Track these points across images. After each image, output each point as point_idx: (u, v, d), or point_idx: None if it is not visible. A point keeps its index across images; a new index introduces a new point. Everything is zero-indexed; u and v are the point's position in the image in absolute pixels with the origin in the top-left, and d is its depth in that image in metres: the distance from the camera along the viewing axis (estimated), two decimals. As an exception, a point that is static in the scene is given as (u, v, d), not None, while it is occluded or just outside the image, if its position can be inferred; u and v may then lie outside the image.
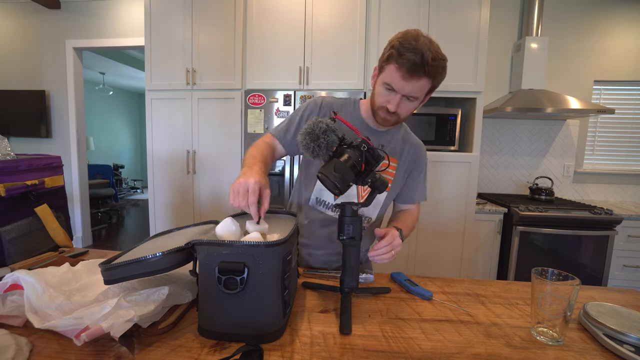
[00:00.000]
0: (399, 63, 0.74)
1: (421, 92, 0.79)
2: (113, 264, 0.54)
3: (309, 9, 2.14)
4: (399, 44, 0.74)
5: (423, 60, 0.72)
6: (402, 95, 0.78)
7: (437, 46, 0.78)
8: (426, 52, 0.72)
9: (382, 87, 0.81)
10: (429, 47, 0.74)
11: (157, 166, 2.40)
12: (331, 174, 0.64)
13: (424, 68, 0.73)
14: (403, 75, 0.75)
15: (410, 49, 0.72)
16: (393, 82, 0.77)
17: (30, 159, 0.94)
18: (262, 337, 0.54)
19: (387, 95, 0.80)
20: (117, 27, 3.08)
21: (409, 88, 0.77)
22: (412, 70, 0.73)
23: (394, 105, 0.79)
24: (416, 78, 0.75)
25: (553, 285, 0.56)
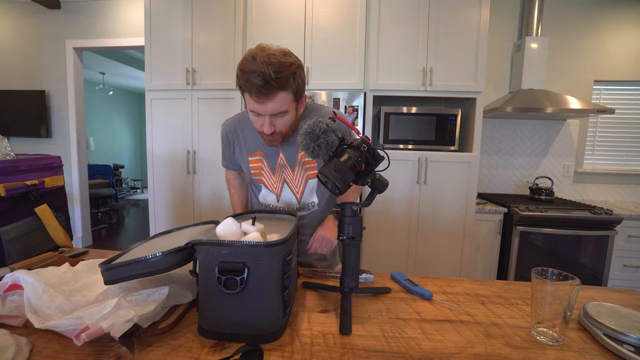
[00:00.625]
0: (247, 90, 0.75)
1: (285, 104, 0.78)
2: (113, 264, 0.54)
3: (309, 9, 2.14)
4: (240, 72, 0.75)
5: (266, 79, 0.72)
6: (269, 116, 0.79)
7: (282, 52, 0.77)
8: (265, 70, 0.71)
9: (251, 114, 0.82)
10: (268, 61, 0.72)
11: (157, 166, 2.40)
12: (331, 174, 0.64)
13: (271, 84, 0.73)
14: (256, 99, 0.75)
15: (250, 73, 0.72)
16: (254, 108, 0.78)
17: (30, 159, 0.94)
18: (262, 337, 0.54)
19: (258, 120, 0.82)
20: (117, 27, 3.08)
21: (271, 107, 0.77)
22: (260, 92, 0.74)
23: (267, 127, 0.80)
24: (270, 97, 0.75)
25: (553, 285, 0.55)
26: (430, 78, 2.11)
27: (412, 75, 2.13)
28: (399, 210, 2.16)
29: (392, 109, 2.18)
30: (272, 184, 0.97)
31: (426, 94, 2.14)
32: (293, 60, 0.78)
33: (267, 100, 0.75)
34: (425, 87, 2.12)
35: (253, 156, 0.96)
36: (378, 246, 2.20)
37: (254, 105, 0.77)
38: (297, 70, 0.78)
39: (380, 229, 2.18)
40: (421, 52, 2.10)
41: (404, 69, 2.13)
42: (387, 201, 2.15)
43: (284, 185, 0.96)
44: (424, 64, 2.11)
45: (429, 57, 2.10)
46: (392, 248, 2.19)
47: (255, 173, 0.97)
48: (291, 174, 0.95)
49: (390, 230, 2.18)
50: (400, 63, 2.13)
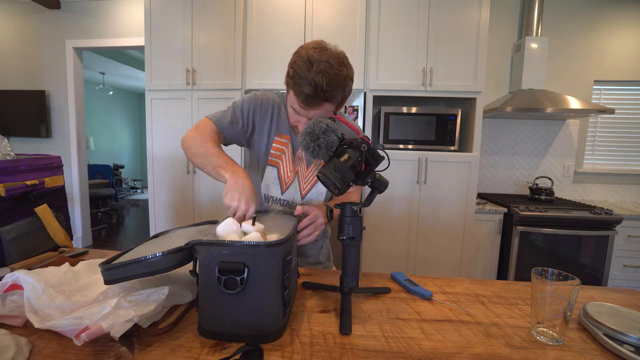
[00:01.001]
0: (295, 93, 0.74)
1: (326, 113, 0.78)
2: (113, 264, 0.54)
3: (309, 9, 2.14)
4: (293, 72, 0.73)
5: (317, 90, 0.71)
6: (308, 118, 0.79)
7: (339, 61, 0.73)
8: (319, 81, 0.70)
9: (290, 108, 0.82)
10: (325, 71, 0.70)
11: (157, 166, 2.40)
12: (331, 174, 0.64)
13: (320, 96, 0.72)
14: (301, 104, 0.76)
15: (303, 79, 0.71)
16: (295, 108, 0.79)
17: (30, 159, 0.94)
18: (262, 337, 0.54)
19: (295, 117, 0.82)
20: (117, 27, 3.08)
21: (312, 113, 0.78)
22: (307, 101, 0.74)
23: (302, 126, 0.80)
24: (315, 106, 0.75)
25: (553, 285, 0.55)
26: (430, 78, 2.11)
27: (412, 75, 2.13)
28: (399, 210, 2.16)
29: (392, 109, 2.18)
30: (287, 172, 0.93)
31: (426, 94, 2.14)
32: (347, 72, 0.76)
33: (311, 108, 0.76)
34: (425, 87, 2.12)
35: (281, 137, 0.92)
36: (378, 246, 2.20)
37: (297, 106, 0.78)
38: (348, 83, 0.77)
39: (380, 229, 2.18)
40: (421, 52, 2.10)
41: (404, 69, 2.13)
42: (387, 201, 2.15)
43: (295, 178, 0.94)
44: (424, 64, 2.11)
45: (429, 57, 2.10)
46: (392, 248, 2.19)
47: (274, 154, 0.92)
48: (305, 170, 0.94)
49: (390, 230, 2.18)
50: (400, 63, 2.13)
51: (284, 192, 0.94)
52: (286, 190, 0.94)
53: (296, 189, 0.95)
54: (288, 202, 0.95)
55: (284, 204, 0.95)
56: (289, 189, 0.94)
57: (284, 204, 0.95)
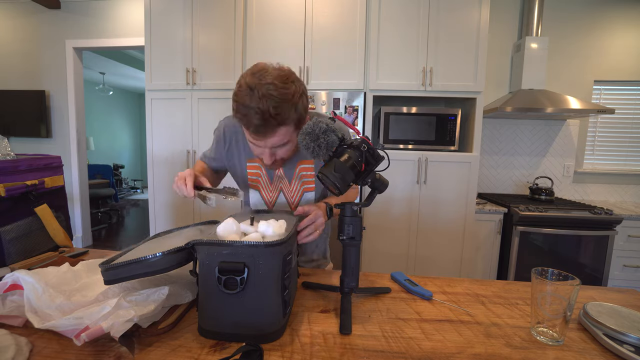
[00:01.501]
0: (245, 126, 0.70)
1: (287, 136, 0.74)
2: (113, 264, 0.54)
3: (309, 9, 2.14)
4: (236, 104, 0.69)
5: (265, 117, 0.66)
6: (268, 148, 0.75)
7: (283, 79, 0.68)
8: (264, 106, 0.65)
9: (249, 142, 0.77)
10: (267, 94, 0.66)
11: (157, 166, 2.40)
12: (331, 174, 0.64)
13: (271, 122, 0.67)
14: (254, 137, 0.72)
15: (249, 109, 0.66)
16: (254, 142, 0.74)
17: (30, 159, 0.94)
18: (262, 337, 0.54)
19: (257, 149, 0.77)
20: (117, 27, 3.08)
21: (271, 141, 0.72)
22: (260, 131, 0.69)
23: (268, 157, 0.76)
24: (270, 134, 0.70)
25: (553, 285, 0.55)
26: (430, 78, 2.11)
27: (412, 75, 2.13)
28: (399, 210, 2.16)
29: (392, 109, 2.18)
30: (268, 193, 0.96)
31: (426, 94, 2.14)
32: (295, 88, 0.70)
33: (266, 137, 0.71)
34: (425, 87, 2.12)
35: (252, 162, 0.93)
36: (378, 246, 2.20)
37: (253, 138, 0.73)
38: (299, 100, 0.71)
39: (380, 229, 2.18)
40: (421, 52, 2.10)
41: (404, 69, 2.13)
42: (387, 201, 2.15)
43: (280, 194, 0.95)
44: (424, 64, 2.11)
45: (429, 57, 2.10)
46: (392, 248, 2.19)
47: (252, 179, 0.95)
48: (288, 186, 0.95)
49: (390, 230, 2.18)
50: (400, 63, 2.13)
51: (273, 208, 0.97)
52: (274, 207, 0.96)
53: (283, 202, 0.96)
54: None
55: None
56: (276, 206, 0.96)
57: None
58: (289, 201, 0.96)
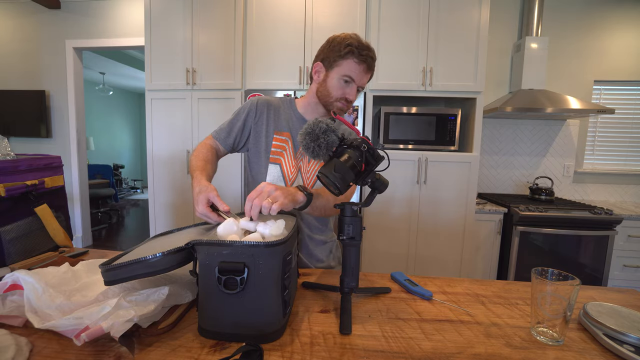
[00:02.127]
0: (359, 59, 0.88)
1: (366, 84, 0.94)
2: (113, 265, 0.54)
3: (309, 9, 2.14)
4: (356, 43, 0.88)
5: (373, 60, 0.90)
6: (357, 86, 0.91)
7: None
8: (372, 52, 0.89)
9: (338, 80, 0.91)
10: (371, 48, 0.90)
11: (157, 166, 2.40)
12: (331, 173, 0.64)
13: (373, 65, 0.91)
14: (364, 69, 0.89)
15: (367, 48, 0.88)
16: (354, 75, 0.89)
17: (30, 159, 0.94)
18: (262, 337, 0.54)
19: (346, 87, 0.91)
20: (117, 27, 3.08)
21: (365, 80, 0.92)
22: (369, 67, 0.90)
23: (354, 95, 0.92)
24: (370, 72, 0.92)
25: (553, 285, 0.55)
26: (430, 78, 2.11)
27: (412, 75, 2.13)
28: (399, 210, 2.16)
29: (392, 109, 2.18)
30: (290, 168, 0.96)
31: (426, 94, 2.14)
32: None
33: (367, 74, 0.91)
34: (425, 87, 2.12)
35: (280, 134, 0.97)
36: (378, 246, 2.20)
37: (357, 72, 0.89)
38: None
39: (380, 229, 2.18)
40: (421, 52, 2.10)
41: (404, 69, 2.13)
42: (387, 201, 2.15)
43: (298, 174, 0.96)
44: (424, 64, 2.11)
45: (429, 57, 2.10)
46: (392, 248, 2.19)
47: (275, 152, 0.96)
48: (307, 165, 0.96)
49: (390, 230, 2.18)
50: (400, 63, 2.13)
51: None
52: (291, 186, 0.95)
53: (300, 183, 0.95)
54: None
55: None
56: (293, 185, 0.95)
57: None
58: (305, 182, 0.96)
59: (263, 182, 0.80)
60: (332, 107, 0.94)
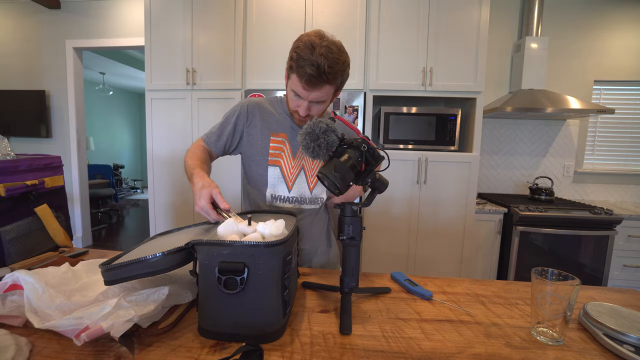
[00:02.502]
0: (299, 74, 0.79)
1: (326, 96, 0.84)
2: (113, 265, 0.54)
3: (309, 8, 2.14)
4: (296, 55, 0.79)
5: (319, 71, 0.76)
6: (308, 101, 0.84)
7: (337, 47, 0.80)
8: (322, 63, 0.76)
9: (290, 93, 0.86)
10: (326, 55, 0.76)
11: (157, 166, 2.40)
12: (331, 173, 0.64)
13: (322, 77, 0.78)
14: (304, 86, 0.80)
15: (306, 61, 0.76)
16: (298, 91, 0.83)
17: (30, 159, 0.94)
18: (262, 337, 0.54)
19: (296, 101, 0.86)
20: (117, 27, 3.08)
21: (313, 95, 0.82)
22: (310, 82, 0.78)
23: (304, 110, 0.85)
24: (317, 87, 0.80)
25: (553, 285, 0.55)
26: (430, 78, 2.11)
27: (412, 75, 2.13)
28: (399, 210, 2.16)
29: (392, 109, 2.18)
30: (290, 169, 0.95)
31: (426, 94, 2.14)
32: (345, 57, 0.82)
33: (312, 90, 0.81)
34: (425, 87, 2.12)
35: (276, 136, 0.95)
36: (378, 246, 2.20)
37: (299, 89, 0.82)
38: (346, 69, 0.83)
39: (380, 229, 2.18)
40: (421, 52, 2.10)
41: (404, 68, 2.13)
42: (387, 201, 2.15)
43: (301, 172, 0.95)
44: (423, 64, 2.11)
45: (429, 57, 2.10)
46: (392, 248, 2.19)
47: (273, 154, 0.95)
48: (311, 163, 0.96)
49: (390, 230, 2.18)
50: (400, 63, 2.13)
51: (291, 189, 0.95)
52: (293, 187, 0.95)
53: (303, 183, 0.96)
54: (297, 199, 0.96)
55: (293, 201, 0.96)
56: (295, 185, 0.95)
57: (293, 201, 0.96)
58: (308, 180, 0.96)
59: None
60: (293, 118, 0.93)
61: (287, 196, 0.95)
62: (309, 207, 0.98)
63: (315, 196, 0.97)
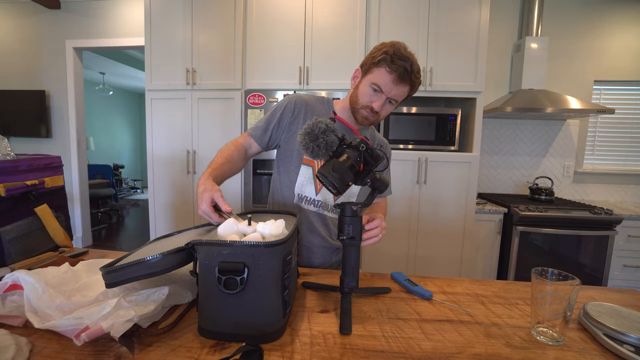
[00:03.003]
0: (391, 68, 0.82)
1: (402, 97, 0.88)
2: (113, 267, 0.54)
3: (309, 9, 2.14)
4: (392, 51, 0.82)
5: (412, 69, 0.82)
6: (386, 97, 0.86)
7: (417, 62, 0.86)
8: (414, 64, 0.82)
9: (368, 87, 0.87)
10: (415, 60, 0.83)
11: (157, 166, 2.40)
12: (330, 173, 0.64)
13: (410, 77, 0.82)
14: (394, 79, 0.83)
15: (402, 58, 0.81)
16: (382, 84, 0.84)
17: (30, 159, 0.94)
18: (262, 337, 0.54)
19: (373, 96, 0.87)
20: (117, 27, 3.08)
21: (395, 92, 0.85)
22: (402, 76, 0.82)
23: (379, 105, 0.86)
24: (403, 84, 0.84)
25: (553, 285, 0.55)
26: (430, 78, 2.11)
27: (412, 75, 2.12)
28: (399, 210, 2.16)
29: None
30: None
31: (426, 94, 2.14)
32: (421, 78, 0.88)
33: (399, 85, 0.83)
34: (426, 87, 2.12)
35: None
36: (378, 246, 2.20)
37: (386, 81, 0.83)
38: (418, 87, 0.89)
39: (380, 229, 2.18)
40: (421, 52, 2.10)
41: (404, 69, 2.12)
42: (387, 201, 2.15)
43: None
44: (424, 64, 2.11)
45: (429, 57, 2.10)
46: (392, 248, 2.19)
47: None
48: None
49: (390, 230, 2.18)
50: (400, 63, 2.12)
51: (318, 193, 0.95)
52: (320, 191, 0.95)
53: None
54: (322, 203, 0.96)
55: (319, 205, 0.96)
56: (322, 189, 0.95)
57: (318, 204, 0.95)
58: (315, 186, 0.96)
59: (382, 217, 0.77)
60: (357, 115, 0.91)
61: (314, 198, 0.95)
62: (331, 215, 0.97)
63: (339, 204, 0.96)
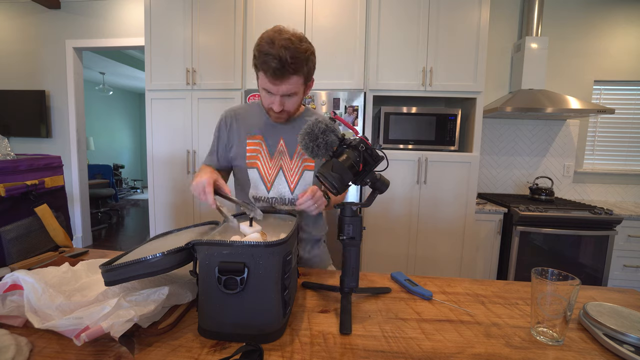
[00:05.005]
0: (263, 70, 0.80)
1: (296, 87, 0.84)
2: (113, 265, 0.54)
3: (309, 9, 2.14)
4: (257, 52, 0.79)
5: (282, 63, 0.76)
6: (280, 95, 0.84)
7: (298, 38, 0.80)
8: (283, 55, 0.76)
9: (262, 91, 0.87)
10: (286, 46, 0.76)
11: (157, 166, 2.40)
12: (329, 173, 0.64)
13: (286, 69, 0.78)
14: (270, 80, 0.80)
15: (268, 55, 0.77)
16: (267, 87, 0.83)
17: (30, 159, 0.94)
18: (262, 337, 0.54)
19: (268, 98, 0.86)
20: (117, 27, 3.08)
21: (283, 89, 0.82)
22: (276, 75, 0.79)
23: (277, 105, 0.85)
24: (285, 79, 0.80)
25: (553, 285, 0.55)
26: (430, 78, 2.11)
27: (412, 75, 2.13)
28: (399, 210, 2.16)
29: (392, 109, 2.18)
30: (267, 170, 0.96)
31: (426, 94, 2.14)
32: (307, 46, 0.82)
33: (280, 83, 0.80)
34: (425, 87, 2.12)
35: (252, 139, 0.97)
36: (378, 246, 2.20)
37: (267, 84, 0.82)
38: (311, 57, 0.83)
39: (380, 229, 2.18)
40: (421, 52, 2.10)
41: (404, 69, 2.13)
42: (387, 201, 2.15)
43: (279, 173, 0.96)
44: (424, 64, 2.11)
45: (429, 57, 2.10)
46: (392, 248, 2.19)
47: (250, 156, 0.96)
48: (289, 162, 0.96)
49: (390, 230, 2.18)
50: (400, 63, 2.13)
51: (270, 190, 0.96)
52: (272, 188, 0.96)
53: (282, 183, 0.96)
54: (277, 199, 0.97)
55: (274, 202, 0.97)
56: (274, 185, 0.96)
57: (273, 201, 0.97)
58: (288, 180, 0.96)
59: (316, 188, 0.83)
60: (270, 116, 0.93)
61: (267, 197, 0.97)
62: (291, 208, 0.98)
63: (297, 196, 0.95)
